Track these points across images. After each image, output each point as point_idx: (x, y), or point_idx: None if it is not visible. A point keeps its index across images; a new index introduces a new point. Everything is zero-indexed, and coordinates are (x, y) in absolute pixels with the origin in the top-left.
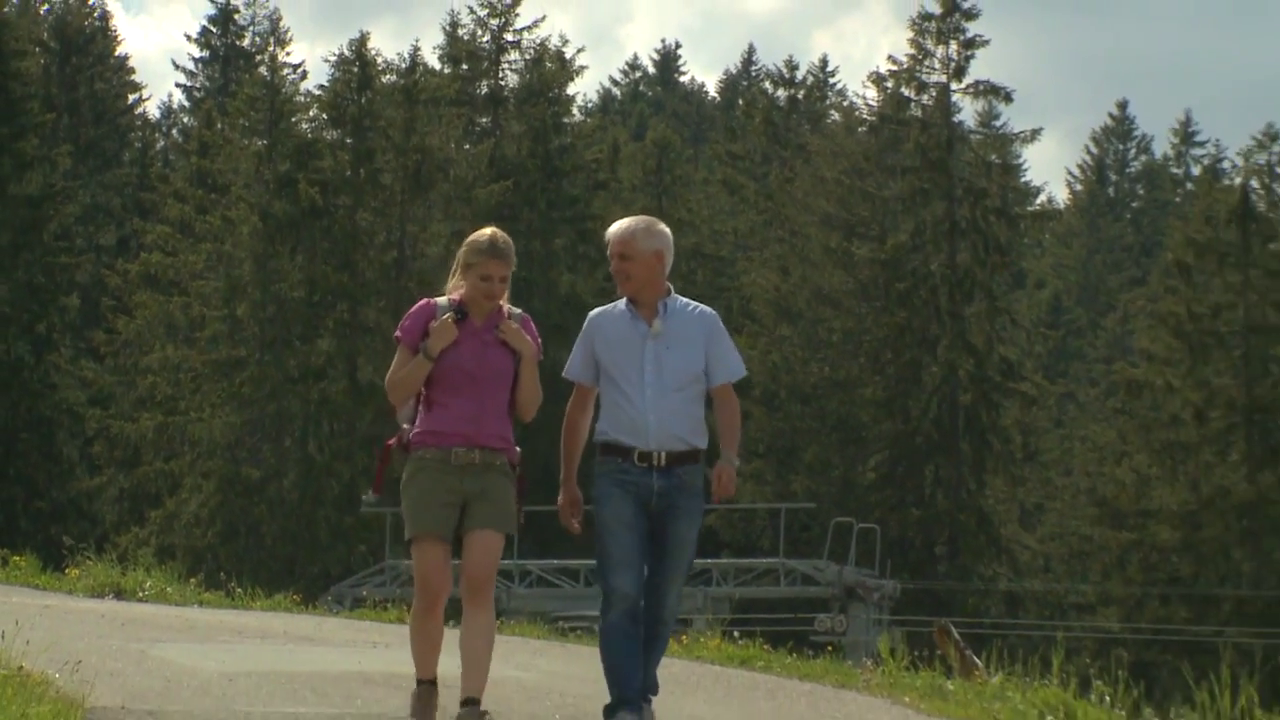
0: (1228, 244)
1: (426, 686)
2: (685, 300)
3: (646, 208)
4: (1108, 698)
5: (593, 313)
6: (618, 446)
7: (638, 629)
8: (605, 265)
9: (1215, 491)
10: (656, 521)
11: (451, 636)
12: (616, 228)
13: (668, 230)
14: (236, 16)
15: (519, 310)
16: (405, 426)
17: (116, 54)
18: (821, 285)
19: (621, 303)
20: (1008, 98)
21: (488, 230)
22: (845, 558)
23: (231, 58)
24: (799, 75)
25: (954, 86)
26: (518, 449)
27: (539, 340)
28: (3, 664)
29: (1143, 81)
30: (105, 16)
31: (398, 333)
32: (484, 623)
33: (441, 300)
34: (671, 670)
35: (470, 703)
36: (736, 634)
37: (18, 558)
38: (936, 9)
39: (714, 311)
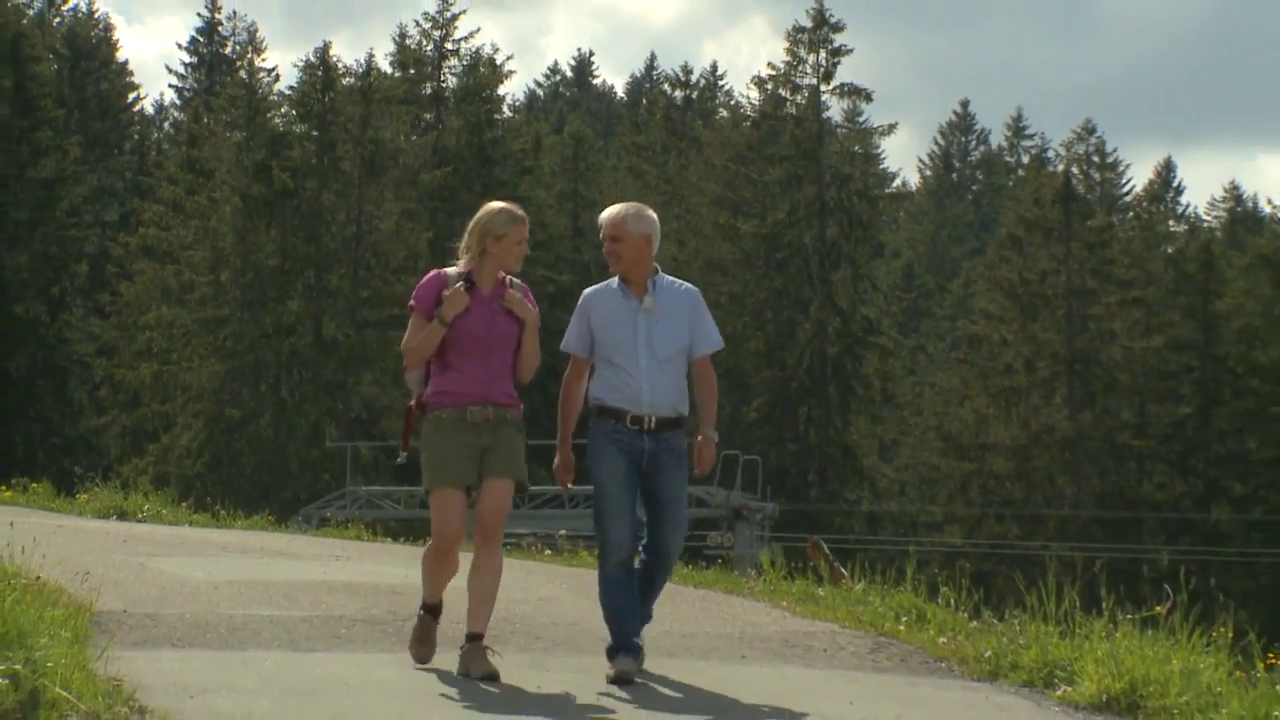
0: (1052, 221)
1: (428, 618)
2: (671, 278)
3: (564, 191)
4: (953, 602)
5: (587, 291)
6: (613, 410)
7: (633, 578)
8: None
9: (1042, 428)
10: (647, 480)
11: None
12: (608, 213)
13: (655, 216)
14: (220, 28)
15: (520, 281)
16: (422, 389)
17: (118, 59)
18: (712, 255)
19: (614, 281)
20: (868, 97)
21: (498, 204)
22: (732, 484)
23: (216, 63)
24: (693, 79)
25: (823, 88)
26: (521, 405)
27: (538, 308)
28: (22, 574)
29: (981, 83)
30: (108, 27)
31: (412, 302)
32: (493, 564)
33: (451, 271)
34: (588, 580)
35: (475, 638)
36: (571, 545)
37: (35, 485)
38: (808, 23)
39: (696, 289)
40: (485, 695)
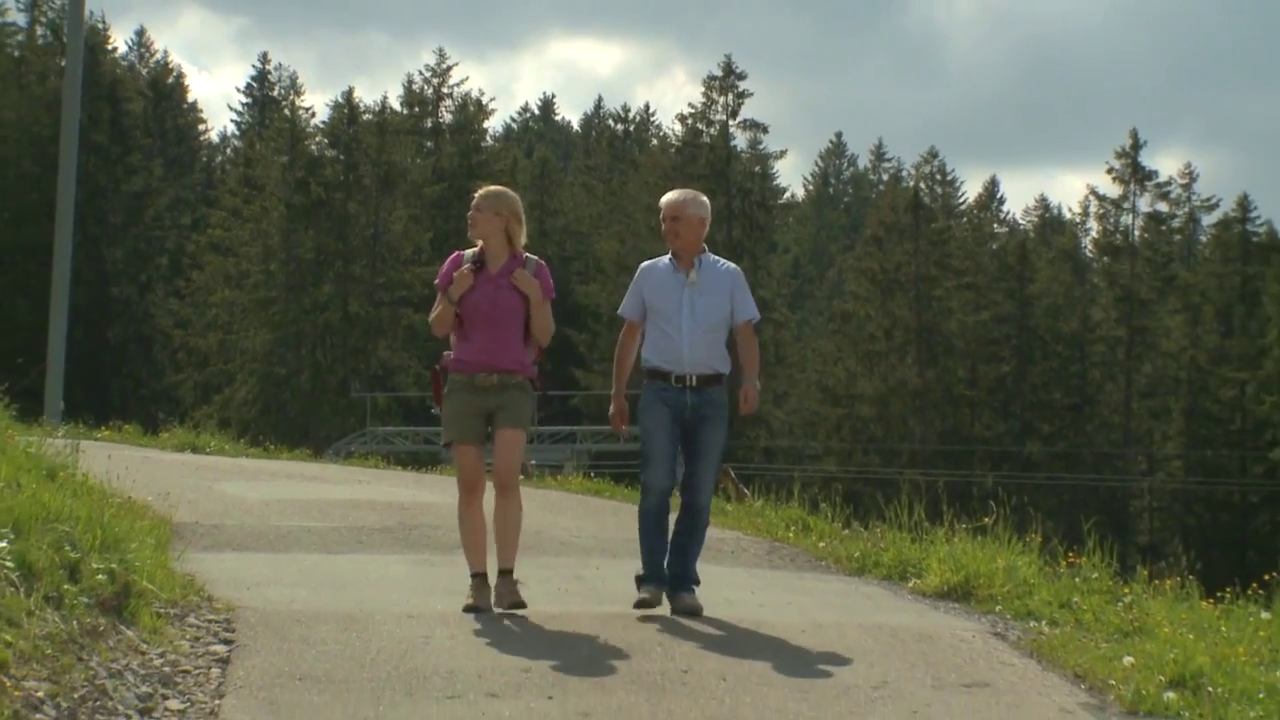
0: (905, 224)
1: (479, 580)
2: (716, 257)
3: (533, 201)
4: (829, 515)
5: (643, 264)
6: (659, 371)
7: (667, 515)
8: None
9: (897, 383)
10: (689, 429)
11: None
12: (669, 197)
13: (708, 201)
14: (269, 75)
15: (535, 258)
16: (447, 354)
17: (190, 99)
18: (646, 250)
19: (666, 257)
20: (764, 130)
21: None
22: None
23: (265, 103)
24: (631, 116)
25: (730, 123)
26: (535, 368)
27: (551, 283)
28: (118, 495)
29: (851, 119)
30: (182, 74)
31: (436, 280)
32: (512, 508)
33: (468, 252)
34: (550, 498)
35: (505, 573)
36: (593, 474)
37: (127, 427)
38: (719, 73)
39: (738, 267)
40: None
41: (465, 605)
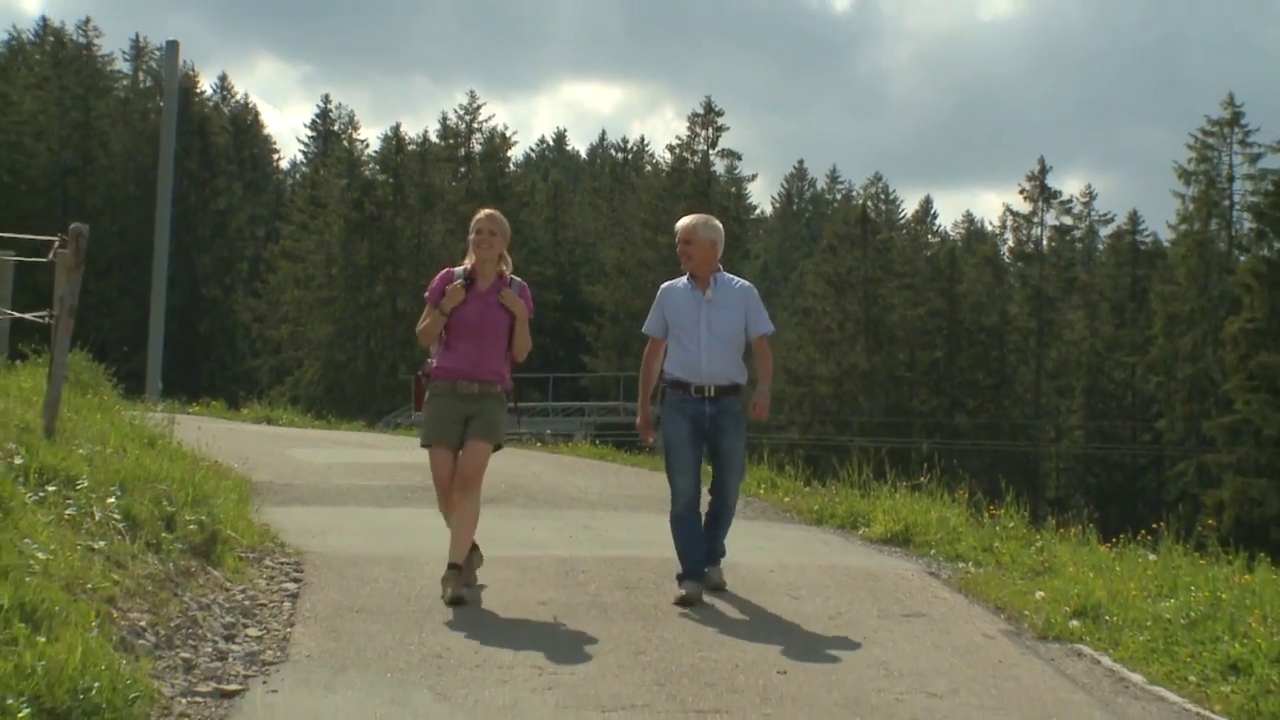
0: (855, 235)
1: (453, 571)
2: (731, 275)
3: (548, 217)
4: (793, 475)
5: (664, 284)
6: (680, 382)
7: (697, 517)
8: (523, 251)
9: (849, 366)
10: (711, 437)
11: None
12: (683, 222)
13: (720, 225)
14: (330, 113)
15: (519, 280)
16: (430, 361)
17: (264, 132)
18: (642, 257)
19: (684, 278)
20: (739, 157)
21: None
22: (660, 400)
23: (328, 135)
24: (629, 146)
25: (711, 152)
26: (511, 380)
27: (532, 304)
28: (206, 459)
29: (811, 148)
30: (258, 112)
31: (426, 293)
32: (469, 509)
33: (458, 269)
34: (562, 462)
35: (453, 567)
36: (598, 442)
37: (214, 403)
38: (701, 110)
39: (752, 285)
40: (499, 533)
41: (443, 597)
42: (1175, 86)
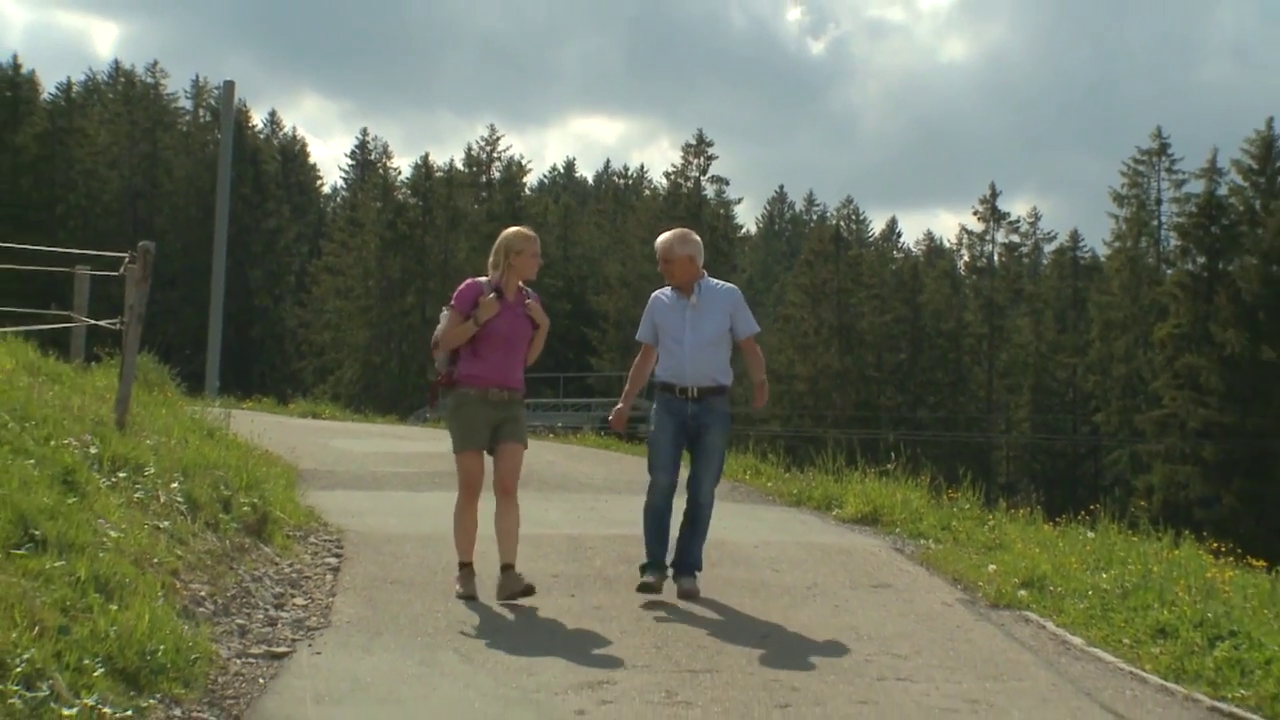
0: (829, 251)
1: (467, 569)
2: (715, 280)
3: (559, 235)
4: (775, 463)
5: (654, 294)
6: (667, 384)
7: (670, 511)
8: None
9: (824, 366)
10: (694, 435)
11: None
12: (661, 241)
13: (698, 238)
14: (368, 143)
15: (533, 291)
16: (452, 367)
17: (309, 161)
18: (642, 271)
19: (672, 286)
20: (726, 183)
21: (515, 227)
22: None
23: (365, 163)
24: (629, 173)
25: (702, 178)
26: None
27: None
28: (258, 448)
29: (790, 174)
30: (304, 143)
31: (453, 301)
32: (513, 510)
33: (483, 280)
34: (571, 451)
35: (508, 567)
36: (603, 434)
37: (265, 399)
38: (694, 141)
39: (736, 287)
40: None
41: (457, 593)
42: (1110, 121)
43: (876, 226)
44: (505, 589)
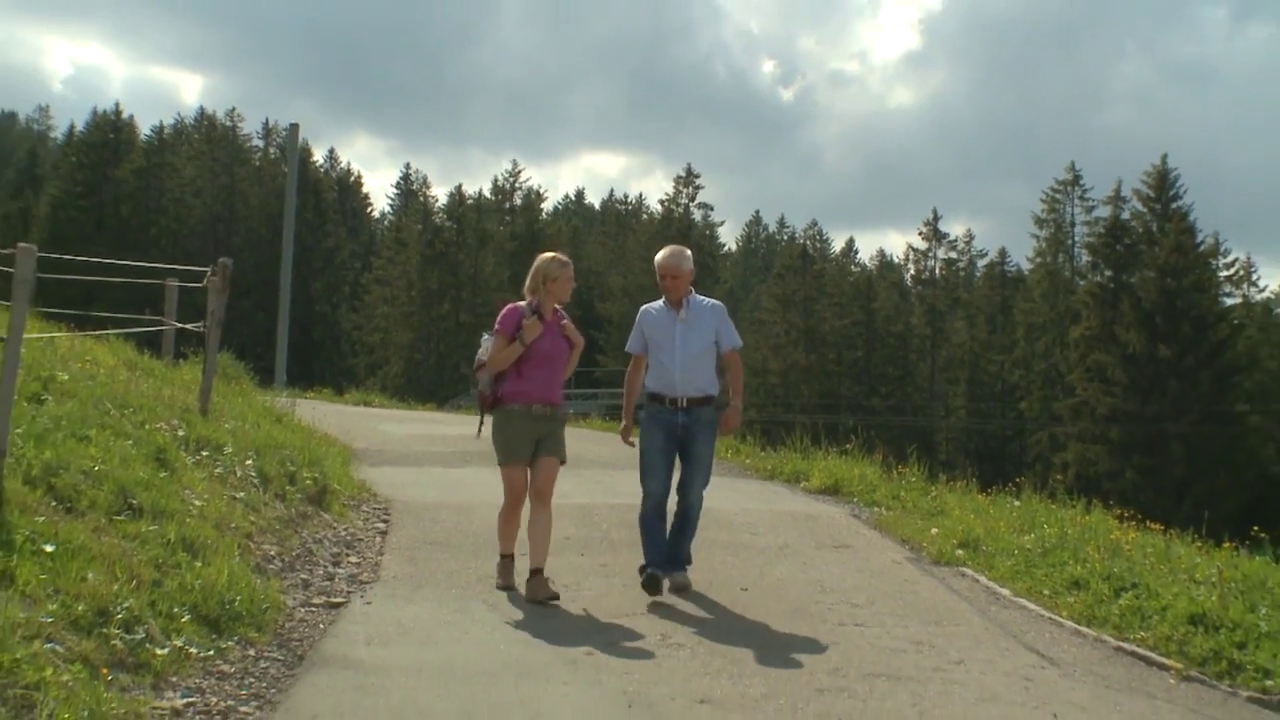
0: (798, 266)
1: (507, 560)
2: (701, 296)
3: (570, 252)
4: (751, 443)
5: (643, 307)
6: (657, 395)
7: (664, 518)
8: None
9: (793, 363)
10: (683, 444)
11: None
12: (662, 256)
13: (689, 252)
14: (410, 175)
15: (564, 312)
16: (495, 386)
17: (362, 190)
18: (640, 283)
19: (660, 301)
20: (711, 209)
21: (550, 254)
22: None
23: (409, 192)
24: (629, 200)
25: (691, 205)
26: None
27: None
28: (319, 431)
29: (765, 201)
30: (358, 175)
31: (498, 326)
32: (546, 517)
33: (522, 304)
34: (581, 433)
35: (537, 571)
36: (608, 418)
37: (324, 390)
38: (684, 174)
39: (721, 303)
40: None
41: (497, 585)
42: (1032, 156)
43: (837, 245)
44: (532, 592)
